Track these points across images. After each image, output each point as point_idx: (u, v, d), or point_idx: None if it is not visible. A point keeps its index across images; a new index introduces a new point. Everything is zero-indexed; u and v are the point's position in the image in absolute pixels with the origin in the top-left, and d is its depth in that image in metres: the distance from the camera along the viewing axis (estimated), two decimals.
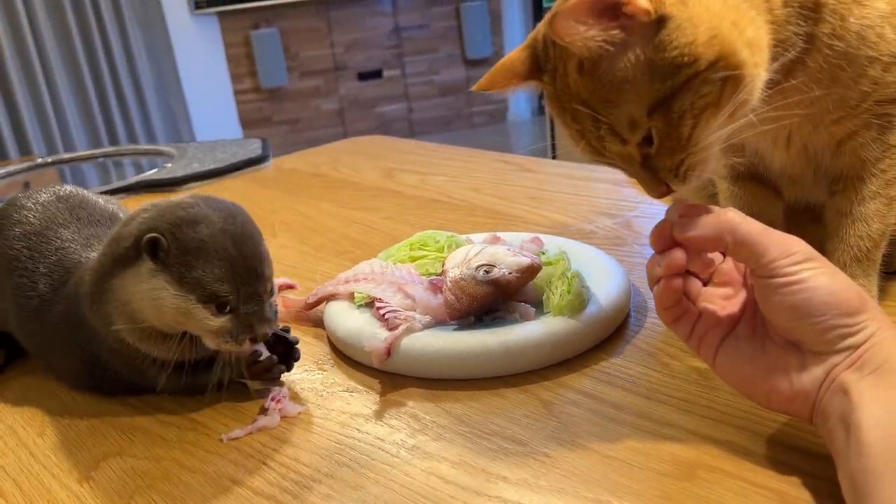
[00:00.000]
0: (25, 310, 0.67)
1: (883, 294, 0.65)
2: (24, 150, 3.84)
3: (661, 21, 0.47)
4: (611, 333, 0.67)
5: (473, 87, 0.59)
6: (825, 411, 0.45)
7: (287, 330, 0.66)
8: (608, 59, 0.49)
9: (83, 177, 1.84)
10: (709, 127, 0.50)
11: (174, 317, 0.58)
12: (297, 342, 0.66)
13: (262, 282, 0.59)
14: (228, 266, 0.57)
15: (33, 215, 0.70)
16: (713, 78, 0.48)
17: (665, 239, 0.50)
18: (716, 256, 0.53)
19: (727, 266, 0.52)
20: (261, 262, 0.59)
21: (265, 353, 0.65)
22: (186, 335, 0.61)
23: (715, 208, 0.49)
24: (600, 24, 0.48)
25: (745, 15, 0.50)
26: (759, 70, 0.50)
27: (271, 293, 0.60)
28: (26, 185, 1.70)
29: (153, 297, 0.58)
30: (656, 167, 0.52)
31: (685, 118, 0.49)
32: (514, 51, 0.57)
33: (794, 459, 0.48)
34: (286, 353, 0.66)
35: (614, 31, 0.48)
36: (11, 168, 1.76)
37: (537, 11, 4.82)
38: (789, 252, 0.46)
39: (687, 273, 0.52)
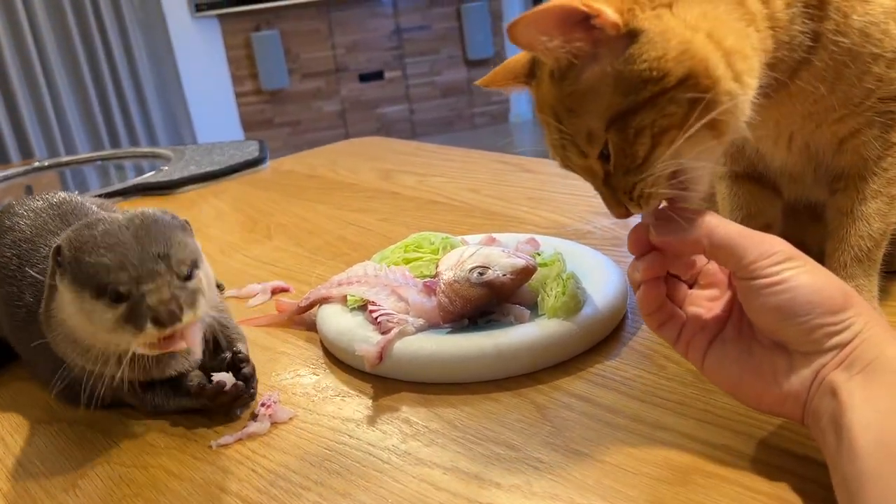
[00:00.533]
0: (15, 319, 0.66)
1: (884, 294, 0.64)
2: (26, 153, 3.85)
3: (632, 35, 0.46)
4: (606, 335, 0.66)
5: (477, 82, 0.59)
6: (816, 412, 0.44)
7: (245, 360, 0.62)
8: (576, 68, 0.47)
9: (83, 180, 1.83)
10: (667, 150, 0.47)
11: (85, 325, 0.55)
12: (251, 376, 0.62)
13: (163, 261, 0.54)
14: (119, 252, 0.53)
15: (24, 223, 0.69)
16: (681, 98, 0.46)
17: (642, 243, 0.50)
18: (699, 258, 0.51)
19: (713, 267, 0.51)
20: (162, 245, 0.54)
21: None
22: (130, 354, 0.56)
23: (693, 210, 0.48)
24: (564, 35, 0.46)
25: (724, 24, 0.48)
26: (744, 80, 0.48)
27: (187, 277, 0.55)
28: (28, 189, 1.70)
29: (67, 307, 0.56)
30: (615, 187, 0.50)
31: (642, 136, 0.47)
32: (522, 53, 0.56)
33: (791, 464, 0.47)
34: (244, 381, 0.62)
35: (579, 44, 0.46)
36: (10, 172, 1.75)
37: None
38: (769, 252, 0.45)
39: (671, 276, 0.51)
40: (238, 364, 0.62)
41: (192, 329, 0.55)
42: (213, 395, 0.60)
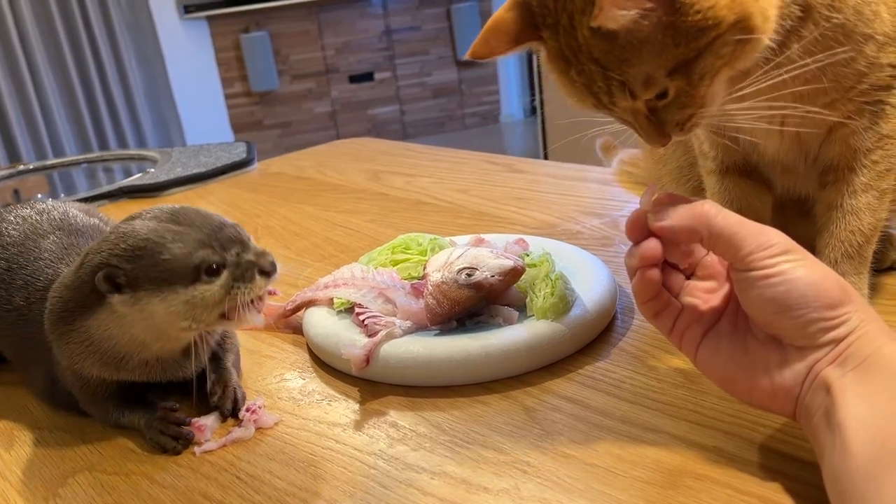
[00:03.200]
0: (4, 322, 0.66)
1: (873, 291, 0.64)
2: (13, 155, 3.82)
3: None
4: (596, 336, 0.65)
5: (467, 55, 0.57)
6: (808, 408, 0.43)
7: (236, 407, 0.61)
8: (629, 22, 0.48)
9: (71, 182, 1.82)
10: (721, 84, 0.51)
11: (179, 321, 0.55)
12: (235, 403, 0.61)
13: (231, 229, 0.57)
14: (187, 237, 0.55)
15: (12, 227, 0.69)
16: (731, 39, 0.48)
17: (641, 229, 0.49)
18: (698, 248, 0.51)
19: (711, 259, 0.51)
20: (218, 219, 0.57)
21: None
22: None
23: (693, 198, 0.48)
24: (637, 1, 0.47)
25: None
26: (767, 35, 0.51)
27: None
28: (15, 193, 1.68)
29: (146, 321, 0.55)
30: (664, 120, 0.52)
31: (704, 79, 0.50)
32: (500, 11, 0.54)
33: (783, 466, 0.47)
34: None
35: (648, 4, 0.47)
36: None
37: None
38: (767, 244, 0.44)
39: (669, 266, 0.51)
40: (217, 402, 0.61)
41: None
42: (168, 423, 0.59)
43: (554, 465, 0.50)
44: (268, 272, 0.56)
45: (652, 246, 0.48)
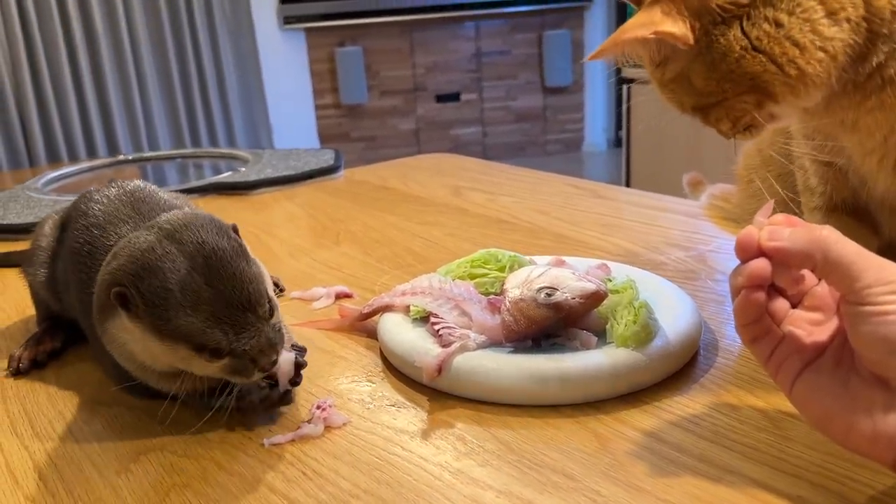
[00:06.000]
0: (84, 304, 0.67)
1: None
2: (112, 148, 4.01)
3: (699, 49, 0.52)
4: (677, 370, 0.63)
5: None
6: None
7: (301, 349, 0.65)
8: (664, 63, 0.56)
9: (163, 175, 1.89)
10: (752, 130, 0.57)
11: (170, 364, 0.58)
12: (303, 366, 0.63)
13: (252, 310, 0.55)
14: (206, 310, 0.53)
15: (99, 208, 0.69)
16: (748, 99, 0.52)
17: (751, 247, 0.46)
18: (809, 277, 0.48)
19: (821, 290, 0.48)
20: (243, 289, 0.55)
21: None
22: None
23: (809, 223, 0.45)
24: (649, 48, 0.55)
25: (794, 27, 0.50)
26: (808, 80, 0.52)
27: (270, 314, 0.57)
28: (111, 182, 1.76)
29: (142, 345, 0.57)
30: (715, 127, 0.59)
31: (723, 121, 0.55)
32: None
33: None
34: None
35: (662, 49, 0.54)
36: (96, 163, 1.83)
37: None
38: (887, 280, 0.41)
39: (775, 291, 0.48)
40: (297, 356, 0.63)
41: None
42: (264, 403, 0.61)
43: (626, 497, 0.48)
44: (266, 369, 0.57)
45: (761, 266, 0.46)
